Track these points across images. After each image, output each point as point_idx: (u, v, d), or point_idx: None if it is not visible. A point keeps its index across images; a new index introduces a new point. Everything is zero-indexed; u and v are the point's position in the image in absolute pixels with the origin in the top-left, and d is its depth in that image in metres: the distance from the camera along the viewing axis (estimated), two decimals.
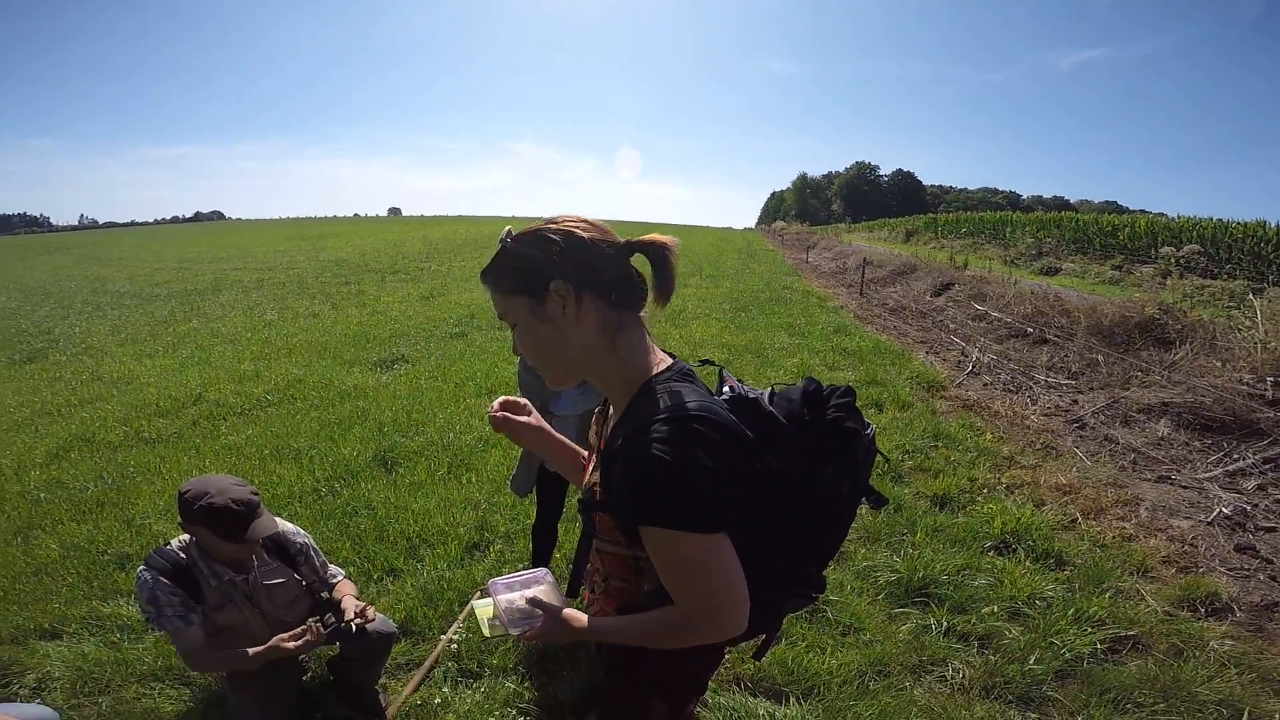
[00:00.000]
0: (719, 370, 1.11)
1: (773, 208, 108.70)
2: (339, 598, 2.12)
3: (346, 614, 1.98)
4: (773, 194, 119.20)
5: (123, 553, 3.30)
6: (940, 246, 24.02)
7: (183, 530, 1.91)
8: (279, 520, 2.10)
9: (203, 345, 8.83)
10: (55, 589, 3.02)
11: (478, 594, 2.82)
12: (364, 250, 23.67)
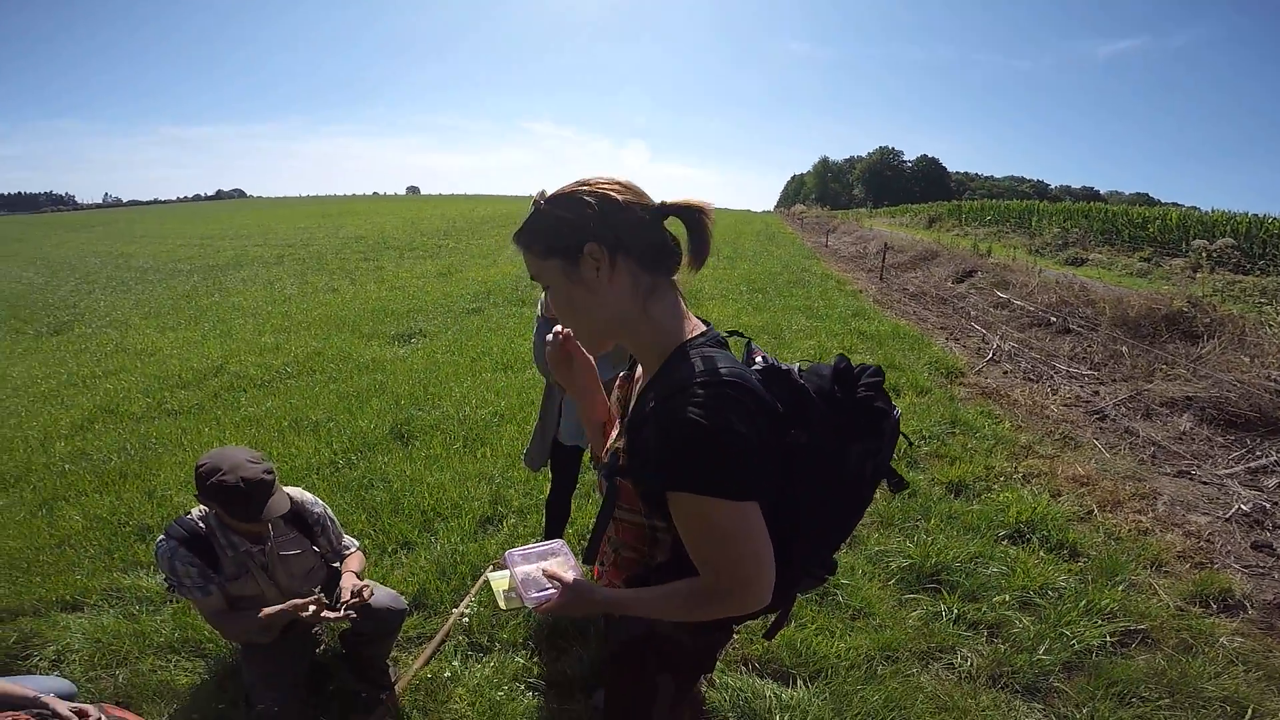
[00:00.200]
0: (746, 342, 1.10)
1: (792, 191, 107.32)
2: (343, 573, 2.13)
3: (343, 595, 1.97)
4: (793, 177, 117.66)
5: (144, 524, 3.34)
6: (964, 234, 23.59)
7: (199, 502, 1.92)
8: (298, 490, 2.11)
9: (224, 319, 8.96)
10: (78, 561, 3.07)
11: (491, 567, 2.85)
12: (383, 227, 23.78)
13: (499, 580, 1.37)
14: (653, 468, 0.94)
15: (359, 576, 2.13)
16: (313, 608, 1.89)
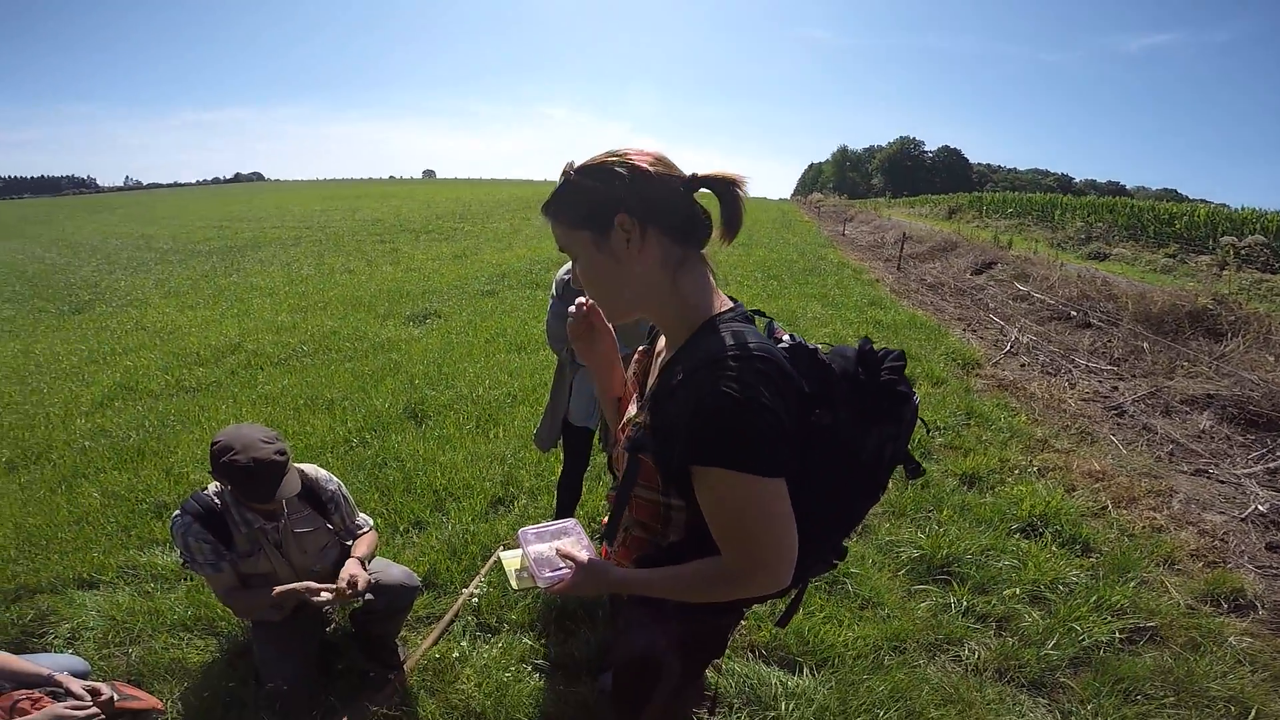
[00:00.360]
0: (768, 322, 1.09)
1: (810, 179, 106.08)
2: (350, 558, 2.09)
3: (340, 580, 1.93)
4: (810, 165, 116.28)
5: (160, 501, 3.37)
6: (984, 225, 23.23)
7: (213, 479, 1.92)
8: (313, 467, 2.11)
9: (242, 298, 9.06)
10: (95, 538, 3.09)
11: (501, 546, 2.87)
12: (399, 210, 23.87)
13: (511, 560, 1.35)
14: (681, 441, 0.92)
15: (366, 560, 2.10)
16: (325, 595, 1.89)
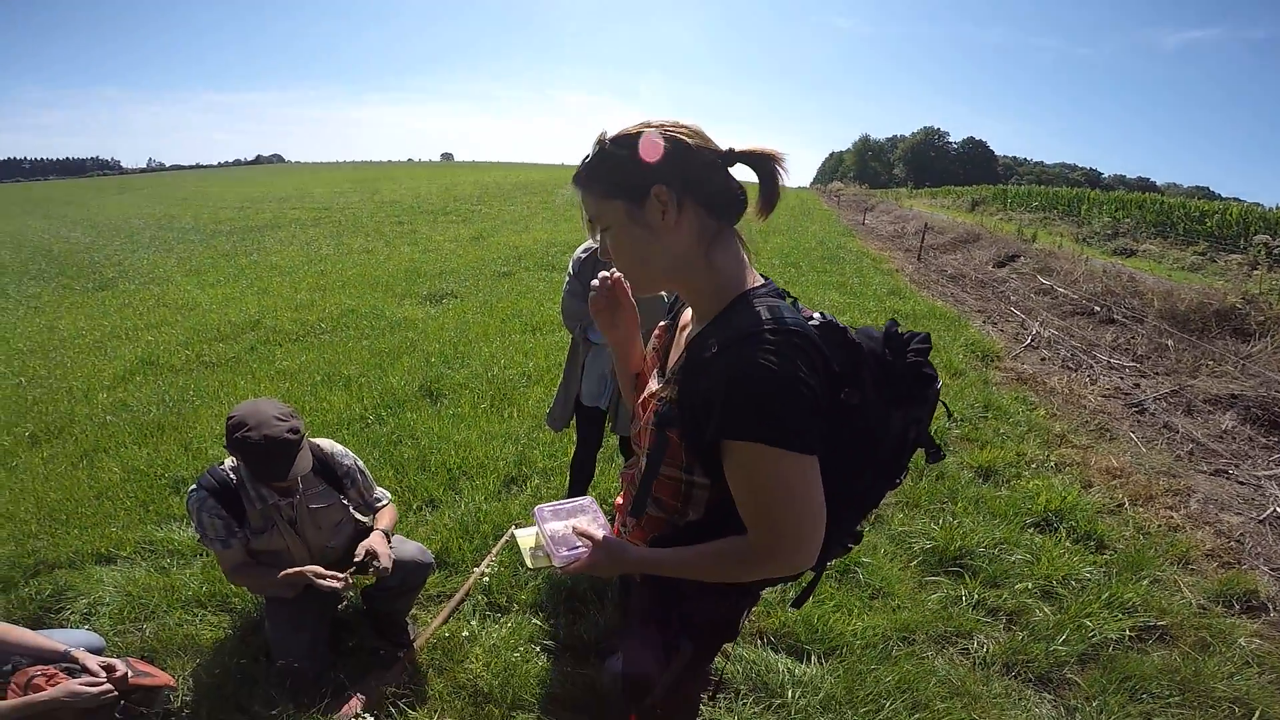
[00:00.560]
0: (792, 301, 1.08)
1: (830, 168, 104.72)
2: (374, 531, 2.11)
3: (358, 554, 1.96)
4: (831, 154, 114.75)
5: (179, 476, 3.40)
6: (1008, 219, 22.83)
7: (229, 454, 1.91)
8: (329, 441, 2.11)
9: (261, 277, 9.18)
10: (114, 513, 3.13)
11: (513, 526, 2.89)
12: (417, 192, 23.94)
13: (525, 538, 1.33)
14: (715, 415, 0.91)
15: (389, 534, 2.11)
16: (332, 584, 1.89)
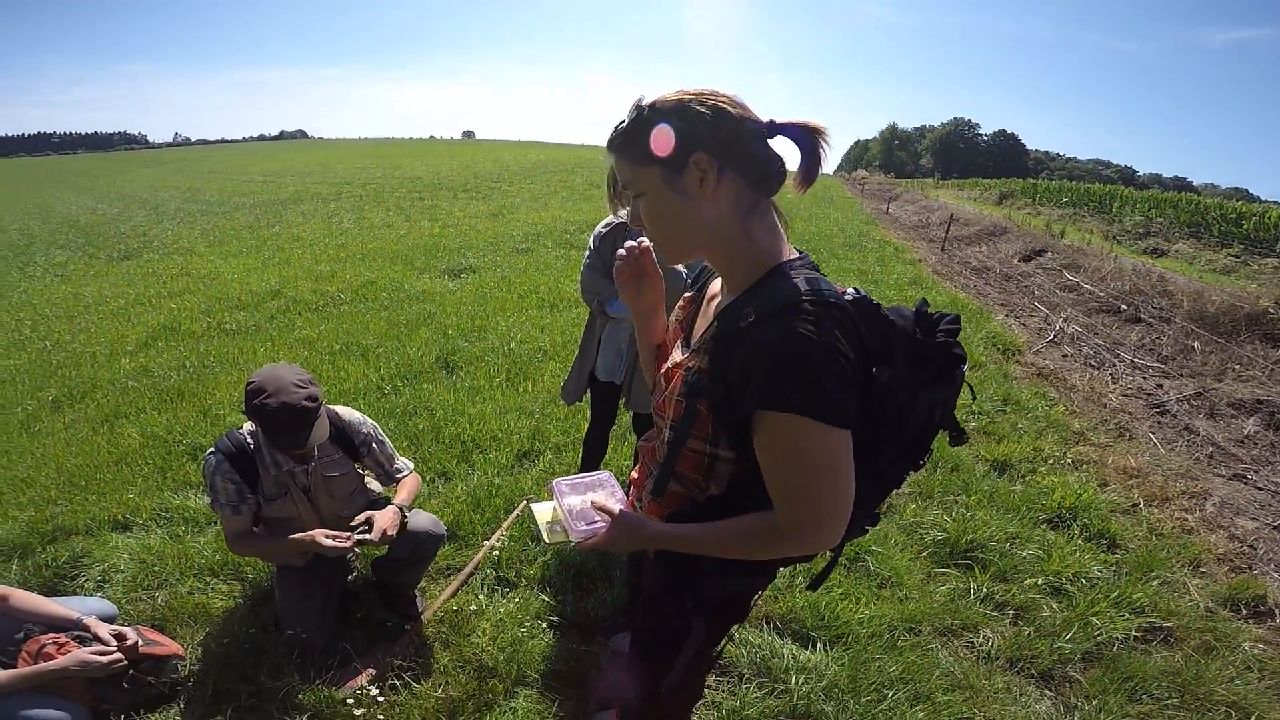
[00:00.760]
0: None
1: (855, 156, 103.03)
2: (394, 500, 2.10)
3: (359, 519, 1.95)
4: (856, 142, 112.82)
5: (196, 443, 3.44)
6: (1036, 213, 22.35)
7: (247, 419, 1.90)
8: (347, 409, 2.10)
9: (283, 248, 9.27)
10: (132, 479, 3.15)
11: (524, 503, 2.87)
12: (438, 169, 24.00)
13: (542, 512, 1.31)
14: (752, 385, 0.89)
15: (408, 506, 2.10)
16: (330, 542, 1.87)
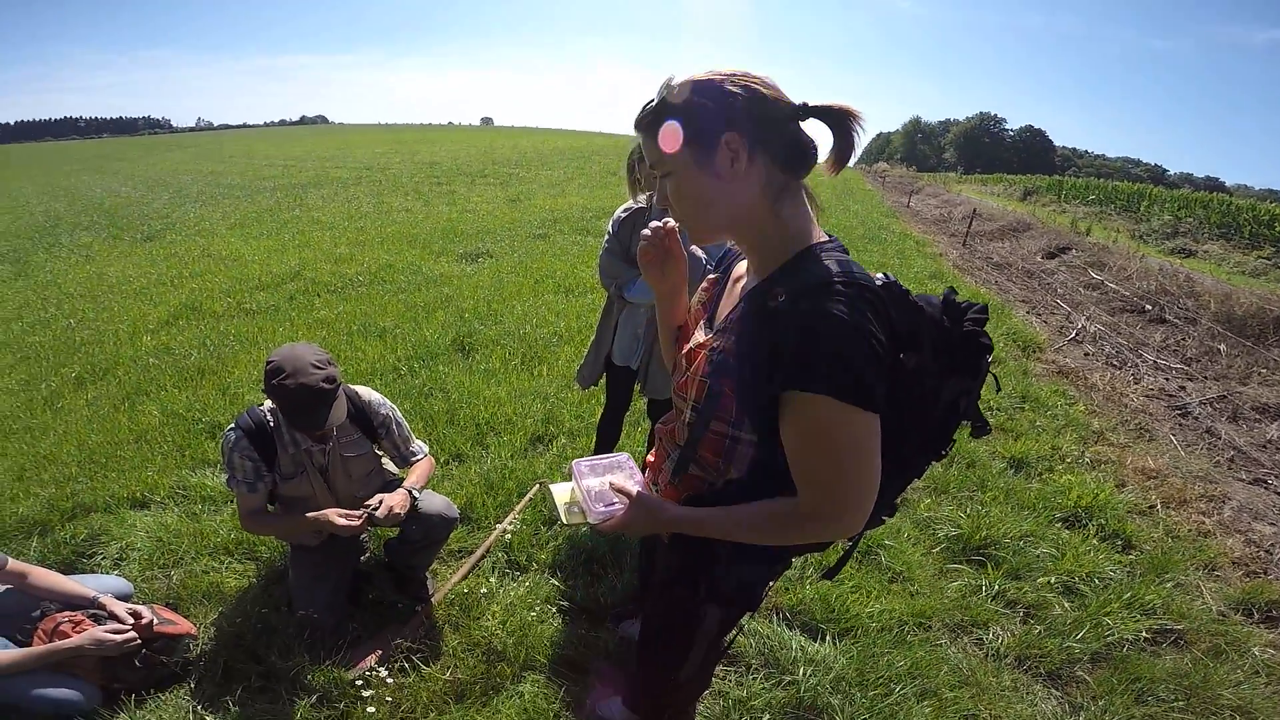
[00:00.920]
0: None
1: (876, 149, 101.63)
2: (405, 482, 2.10)
3: (371, 501, 1.95)
4: (879, 134, 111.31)
5: (215, 421, 3.48)
6: (1061, 210, 21.97)
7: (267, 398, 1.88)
8: (367, 389, 2.10)
9: (303, 231, 9.36)
10: (151, 457, 3.19)
11: (535, 485, 2.90)
12: (456, 155, 24.08)
13: (560, 493, 1.31)
14: (782, 364, 0.88)
15: (419, 488, 2.09)
16: (343, 521, 1.88)
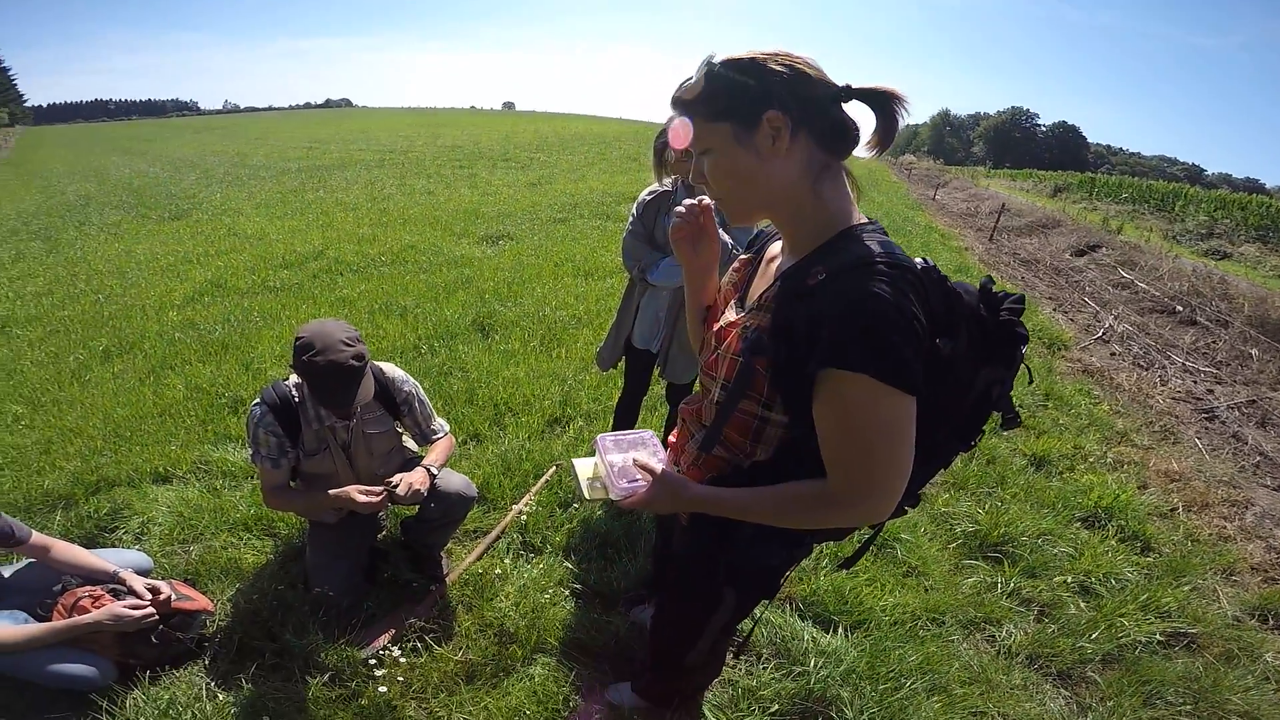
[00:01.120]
0: None
1: (903, 141, 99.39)
2: (425, 460, 2.08)
3: (391, 479, 1.94)
4: (905, 125, 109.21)
5: (237, 396, 3.52)
6: (1093, 208, 21.46)
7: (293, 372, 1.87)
8: (391, 366, 2.09)
9: (326, 211, 9.46)
10: (175, 431, 3.22)
11: (553, 467, 2.91)
12: (478, 139, 24.08)
13: (583, 468, 1.31)
14: (822, 343, 0.86)
15: (438, 467, 2.08)
16: (364, 498, 1.87)
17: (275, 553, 2.40)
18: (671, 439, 1.31)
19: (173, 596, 1.89)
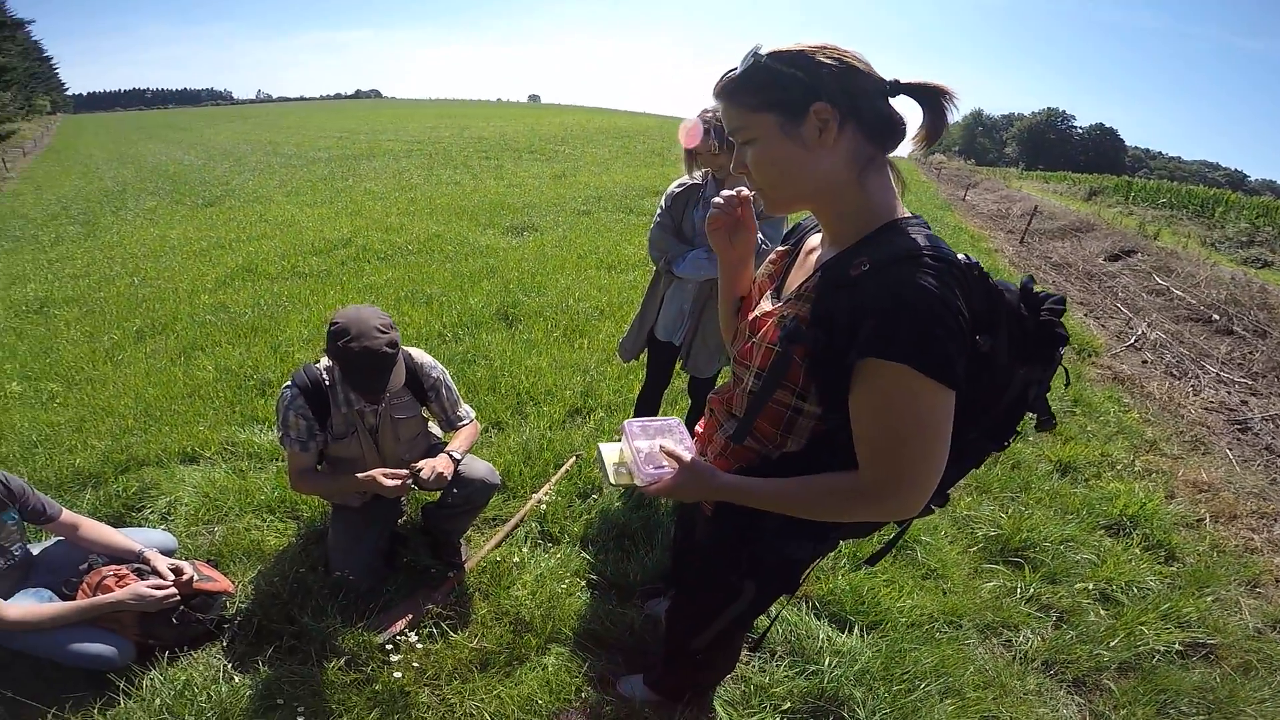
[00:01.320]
0: None
1: None
2: (449, 446, 2.08)
3: (415, 464, 1.92)
4: None
5: (265, 378, 3.57)
6: (1129, 212, 20.90)
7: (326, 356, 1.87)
8: (419, 351, 2.11)
9: (355, 200, 9.63)
10: (204, 412, 3.26)
11: (573, 458, 2.94)
12: (504, 131, 24.24)
13: (610, 453, 1.31)
14: (864, 333, 0.86)
15: (462, 453, 2.07)
16: (389, 482, 1.85)
17: (298, 535, 2.41)
18: (698, 429, 1.31)
19: (195, 577, 1.90)
